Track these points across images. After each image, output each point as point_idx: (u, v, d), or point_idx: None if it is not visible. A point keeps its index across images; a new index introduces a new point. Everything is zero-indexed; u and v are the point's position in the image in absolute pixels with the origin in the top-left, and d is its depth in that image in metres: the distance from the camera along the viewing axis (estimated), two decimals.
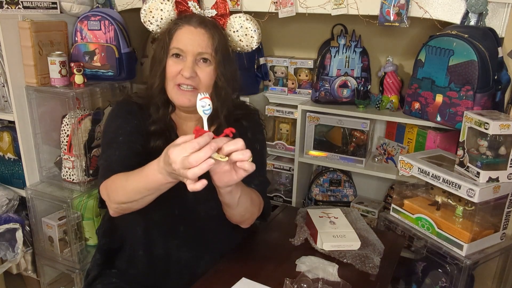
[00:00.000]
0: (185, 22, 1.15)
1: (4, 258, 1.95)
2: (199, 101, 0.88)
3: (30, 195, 1.93)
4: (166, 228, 1.22)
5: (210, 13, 1.20)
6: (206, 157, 0.79)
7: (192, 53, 1.12)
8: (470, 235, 1.32)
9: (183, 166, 0.80)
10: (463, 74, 1.42)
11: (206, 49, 1.14)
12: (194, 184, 0.81)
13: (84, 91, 1.79)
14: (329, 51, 1.85)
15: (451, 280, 1.40)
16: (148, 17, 1.19)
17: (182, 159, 0.80)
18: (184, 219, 1.21)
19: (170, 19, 1.20)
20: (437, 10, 1.51)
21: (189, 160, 0.79)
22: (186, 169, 0.80)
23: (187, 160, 0.79)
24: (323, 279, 1.11)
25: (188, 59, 1.13)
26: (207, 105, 0.88)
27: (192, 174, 0.79)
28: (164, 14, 1.19)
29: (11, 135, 1.94)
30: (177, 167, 0.81)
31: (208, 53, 1.14)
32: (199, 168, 0.79)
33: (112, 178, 1.06)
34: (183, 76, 1.12)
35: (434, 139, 1.71)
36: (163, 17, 1.20)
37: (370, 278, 1.17)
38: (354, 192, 2.06)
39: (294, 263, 1.20)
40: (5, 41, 1.72)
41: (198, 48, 1.13)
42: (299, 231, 1.38)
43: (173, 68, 1.14)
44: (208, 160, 0.80)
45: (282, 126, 2.13)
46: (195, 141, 0.81)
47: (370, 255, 1.24)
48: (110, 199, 1.06)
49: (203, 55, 1.14)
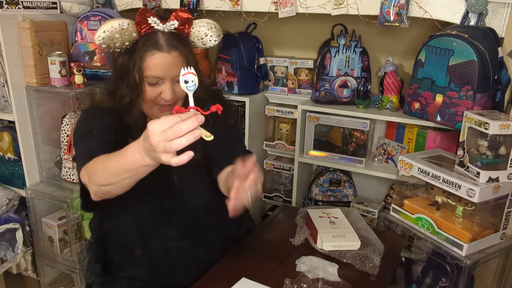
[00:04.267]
0: (155, 48, 1.09)
1: (4, 258, 1.95)
2: (182, 77, 0.83)
3: (30, 195, 1.93)
4: (158, 223, 1.22)
5: (173, 25, 1.12)
6: (190, 128, 0.76)
7: (170, 77, 1.11)
8: (470, 235, 1.32)
9: (164, 138, 0.77)
10: (463, 74, 1.42)
11: None
12: (179, 156, 0.78)
13: (84, 91, 1.79)
14: (329, 51, 1.85)
15: (451, 280, 1.40)
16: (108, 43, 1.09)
17: (162, 132, 0.77)
18: (175, 211, 1.22)
19: (133, 40, 1.11)
20: (437, 10, 1.51)
21: (173, 129, 0.76)
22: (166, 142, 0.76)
23: (170, 130, 0.76)
24: (323, 279, 1.11)
25: (166, 84, 1.12)
26: (191, 81, 0.82)
27: (176, 144, 0.76)
28: (127, 37, 1.10)
29: (11, 135, 1.95)
30: (156, 140, 0.77)
31: None
32: (185, 138, 0.76)
33: (93, 161, 1.04)
34: (163, 99, 1.12)
35: (434, 139, 1.71)
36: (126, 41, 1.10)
37: (370, 278, 1.17)
38: (354, 192, 2.06)
39: (294, 263, 1.20)
40: (5, 41, 1.72)
41: (175, 72, 1.10)
42: (299, 231, 1.38)
43: (152, 93, 1.13)
44: (195, 130, 0.77)
45: (282, 126, 2.13)
46: (177, 115, 0.78)
47: (370, 255, 1.24)
48: (91, 181, 1.03)
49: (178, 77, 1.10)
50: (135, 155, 0.88)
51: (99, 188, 1.02)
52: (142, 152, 0.86)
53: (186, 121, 0.77)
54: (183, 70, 0.83)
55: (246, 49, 1.96)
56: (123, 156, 0.92)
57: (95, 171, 1.02)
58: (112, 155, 0.96)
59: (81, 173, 1.08)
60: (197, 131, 0.76)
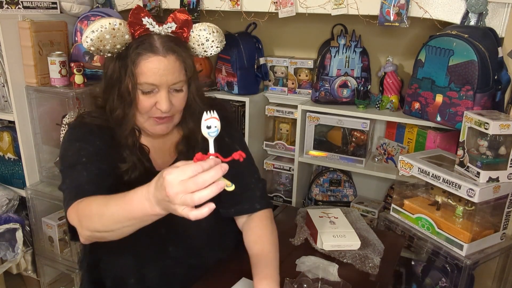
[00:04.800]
0: (150, 51, 1.00)
1: (4, 258, 1.95)
2: (205, 122, 0.74)
3: (30, 195, 1.93)
4: (154, 250, 1.13)
5: (171, 28, 1.03)
6: (214, 179, 0.69)
7: (166, 85, 1.02)
8: (470, 235, 1.32)
9: (183, 189, 0.69)
10: (463, 74, 1.42)
11: (179, 77, 1.03)
12: (199, 209, 0.70)
13: (84, 91, 1.79)
14: (329, 51, 1.85)
15: (451, 280, 1.40)
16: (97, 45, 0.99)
17: (181, 182, 0.69)
18: (172, 238, 1.13)
19: (125, 43, 1.02)
20: (437, 10, 1.51)
21: (195, 180, 0.68)
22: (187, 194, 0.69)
23: (191, 181, 0.68)
24: (323, 279, 1.11)
25: (162, 93, 1.02)
26: (214, 127, 0.74)
27: (200, 197, 0.68)
28: (118, 40, 1.00)
29: (11, 135, 1.95)
30: (173, 191, 0.69)
31: (182, 81, 1.04)
32: (209, 189, 0.68)
33: (85, 201, 0.92)
34: (159, 110, 1.03)
35: (434, 139, 1.71)
36: (117, 43, 1.01)
37: (370, 278, 1.17)
38: (354, 192, 2.06)
39: (294, 263, 1.20)
40: (5, 41, 1.72)
41: (173, 79, 1.02)
42: (299, 231, 1.37)
43: (147, 103, 1.03)
44: (219, 182, 0.69)
45: (282, 126, 2.13)
46: (198, 163, 0.70)
47: (370, 255, 1.24)
48: (82, 226, 0.91)
49: (176, 85, 1.04)
50: (143, 204, 0.78)
51: (93, 234, 0.91)
52: (152, 201, 0.76)
53: (209, 171, 0.69)
54: (205, 114, 0.74)
55: (246, 49, 1.96)
56: (129, 203, 0.81)
57: (90, 216, 0.90)
58: (112, 200, 0.86)
59: (68, 213, 0.97)
60: (222, 182, 0.70)
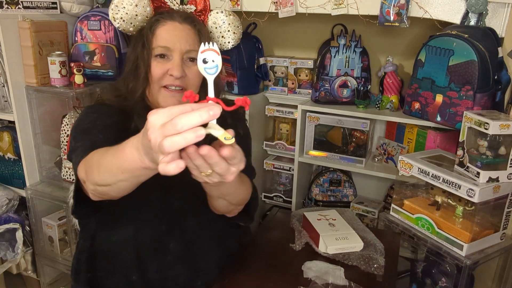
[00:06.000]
0: (168, 18, 1.04)
1: (4, 258, 1.95)
2: (201, 54, 0.59)
3: (30, 195, 1.93)
4: (155, 246, 1.09)
5: (190, 9, 1.09)
6: (194, 123, 0.55)
7: (180, 51, 1.02)
8: (470, 235, 1.32)
9: (163, 132, 0.56)
10: (463, 74, 1.42)
11: (193, 46, 1.04)
12: (167, 164, 0.57)
13: (84, 91, 1.79)
14: (329, 51, 1.85)
15: (451, 280, 1.40)
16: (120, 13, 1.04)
17: (164, 124, 0.56)
18: (173, 234, 1.10)
19: (146, 15, 1.07)
20: (437, 10, 1.51)
21: (173, 121, 0.55)
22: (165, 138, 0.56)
23: (170, 123, 0.55)
24: (333, 283, 1.09)
25: (175, 58, 1.02)
26: (211, 61, 0.59)
27: (169, 143, 0.55)
28: (139, 10, 1.05)
29: (11, 135, 1.95)
30: (154, 134, 0.57)
31: (196, 51, 1.01)
32: (182, 136, 0.54)
33: (91, 153, 0.86)
34: (171, 77, 1.02)
35: (434, 139, 1.71)
36: (138, 14, 1.06)
37: (377, 279, 1.16)
38: (354, 192, 2.06)
39: (300, 269, 1.16)
40: (5, 41, 1.72)
41: (186, 46, 1.02)
42: (298, 235, 1.35)
43: (159, 69, 1.02)
44: (198, 128, 0.55)
45: (282, 126, 2.13)
46: (188, 105, 0.57)
47: (373, 255, 1.24)
48: (88, 178, 0.84)
49: (190, 54, 1.04)
50: (133, 154, 0.67)
51: (95, 188, 0.83)
52: (140, 149, 0.65)
53: (192, 113, 0.55)
54: (202, 46, 0.60)
55: (246, 49, 1.96)
56: (121, 152, 0.71)
57: (91, 165, 0.84)
58: (110, 150, 0.77)
59: (79, 168, 0.89)
60: (201, 130, 0.54)
